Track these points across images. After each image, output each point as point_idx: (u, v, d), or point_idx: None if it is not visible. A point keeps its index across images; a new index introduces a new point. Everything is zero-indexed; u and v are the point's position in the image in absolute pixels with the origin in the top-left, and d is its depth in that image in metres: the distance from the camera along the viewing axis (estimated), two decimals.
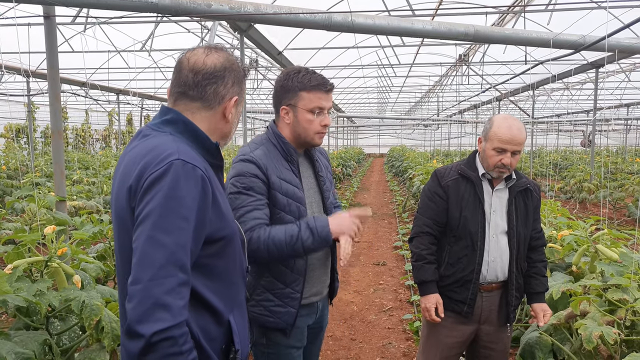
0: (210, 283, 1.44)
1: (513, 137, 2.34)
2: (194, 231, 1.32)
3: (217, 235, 1.43)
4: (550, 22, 8.66)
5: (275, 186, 2.04)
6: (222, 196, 1.49)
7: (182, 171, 1.32)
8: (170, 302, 1.24)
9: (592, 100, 11.81)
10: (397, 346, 4.31)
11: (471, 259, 2.45)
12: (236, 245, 1.54)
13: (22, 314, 2.45)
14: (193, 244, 1.33)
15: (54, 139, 3.81)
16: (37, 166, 11.86)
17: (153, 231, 1.27)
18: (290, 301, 2.10)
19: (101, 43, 11.38)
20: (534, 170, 16.32)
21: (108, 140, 26.88)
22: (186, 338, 1.28)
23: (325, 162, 2.36)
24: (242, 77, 1.56)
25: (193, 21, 10.47)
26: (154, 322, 1.21)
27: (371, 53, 14.04)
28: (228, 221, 1.48)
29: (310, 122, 2.08)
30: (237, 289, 1.55)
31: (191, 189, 1.33)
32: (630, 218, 10.11)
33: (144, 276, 1.24)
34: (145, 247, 1.27)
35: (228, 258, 1.50)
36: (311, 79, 2.06)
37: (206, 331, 1.43)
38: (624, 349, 2.57)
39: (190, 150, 1.42)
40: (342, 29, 5.81)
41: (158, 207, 1.28)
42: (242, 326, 1.56)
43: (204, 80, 1.48)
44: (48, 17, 3.77)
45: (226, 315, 1.48)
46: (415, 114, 31.65)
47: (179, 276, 1.26)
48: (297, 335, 2.19)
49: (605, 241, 3.33)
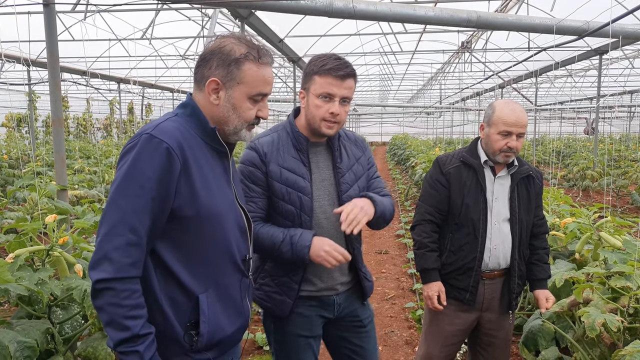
0: (182, 257, 1.53)
1: (518, 119, 2.34)
2: (152, 199, 1.44)
3: (184, 210, 1.50)
4: (554, 9, 8.60)
5: (274, 175, 2.02)
6: (202, 176, 1.54)
7: (147, 145, 1.45)
8: (115, 257, 1.39)
9: (596, 87, 11.73)
10: (399, 334, 4.32)
11: (473, 246, 2.44)
12: (221, 228, 1.58)
13: (24, 302, 2.45)
14: (155, 210, 1.45)
15: (55, 127, 3.79)
16: (38, 155, 11.86)
17: (114, 195, 1.44)
18: (288, 290, 2.08)
19: (101, 31, 11.32)
20: (537, 158, 16.29)
21: (109, 129, 26.85)
22: (129, 294, 1.40)
23: (357, 153, 2.21)
24: (230, 61, 1.56)
25: (194, 9, 10.40)
26: (99, 271, 1.39)
27: (373, 40, 13.94)
28: (200, 200, 1.52)
29: (317, 107, 1.99)
30: (218, 272, 1.59)
31: (153, 161, 1.45)
32: (633, 206, 10.09)
33: (101, 232, 1.43)
34: (106, 207, 1.45)
35: (205, 237, 1.55)
36: (326, 63, 1.98)
37: (173, 300, 1.52)
38: (627, 337, 2.56)
39: (180, 129, 1.53)
40: (343, 15, 5.76)
41: (121, 175, 1.45)
42: (216, 310, 1.58)
43: (197, 62, 1.62)
44: (47, 5, 3.74)
45: (196, 293, 1.54)
46: (417, 102, 31.54)
47: (128, 236, 1.41)
48: (304, 324, 2.15)
49: (609, 229, 3.32)
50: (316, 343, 2.23)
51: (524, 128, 2.36)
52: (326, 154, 2.14)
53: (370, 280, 2.27)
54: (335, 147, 2.14)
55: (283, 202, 2.03)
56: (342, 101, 2.00)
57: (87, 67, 13.95)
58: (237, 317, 1.66)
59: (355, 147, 2.23)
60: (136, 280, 1.44)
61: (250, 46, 1.60)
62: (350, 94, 2.02)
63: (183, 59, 14.23)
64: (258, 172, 2.02)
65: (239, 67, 1.56)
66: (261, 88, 1.60)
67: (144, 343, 1.42)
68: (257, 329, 4.22)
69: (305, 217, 2.03)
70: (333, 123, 2.01)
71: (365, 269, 2.25)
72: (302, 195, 2.02)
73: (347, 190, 2.11)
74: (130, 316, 1.40)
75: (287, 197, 2.02)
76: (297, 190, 2.02)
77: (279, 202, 2.03)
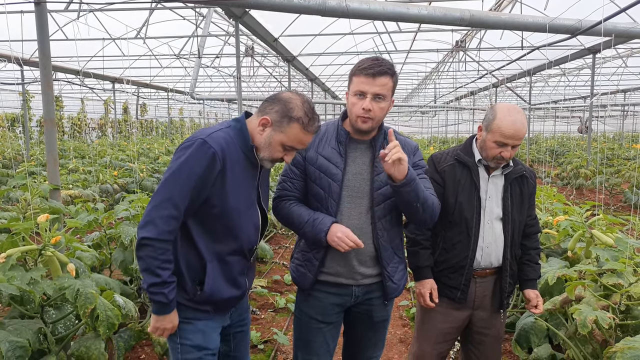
0: (201, 231, 1.99)
1: (516, 132, 2.31)
2: (194, 188, 1.88)
3: (213, 200, 1.95)
4: (547, 7, 8.61)
5: (310, 159, 2.24)
6: (234, 178, 1.96)
7: (200, 148, 1.89)
8: (159, 223, 1.85)
9: (589, 86, 11.79)
10: (393, 332, 4.32)
11: (465, 245, 2.45)
12: (236, 220, 2.00)
13: (16, 302, 2.45)
14: (194, 195, 1.89)
15: (47, 126, 3.78)
16: (32, 155, 11.82)
17: (168, 178, 1.89)
18: (310, 266, 2.26)
19: (95, 30, 11.28)
20: (531, 156, 16.35)
21: (104, 129, 26.76)
22: (164, 252, 1.87)
23: None
24: (287, 115, 1.95)
25: (188, 8, 10.38)
26: (146, 231, 1.85)
27: (368, 40, 13.96)
28: (227, 196, 1.95)
29: (353, 105, 2.13)
30: (224, 251, 2.03)
31: (202, 161, 1.88)
32: (626, 204, 10.14)
33: (152, 202, 1.88)
34: (160, 185, 1.90)
35: (222, 224, 1.99)
36: (362, 63, 2.12)
37: (187, 261, 2.00)
38: (618, 334, 2.58)
39: (227, 139, 1.96)
40: (336, 14, 5.76)
41: (177, 165, 1.89)
42: (216, 276, 2.02)
43: (269, 97, 2.05)
44: (39, 3, 3.73)
45: (205, 259, 1.99)
46: (412, 101, 31.57)
47: (171, 211, 1.86)
48: (317, 309, 2.30)
49: (601, 226, 3.34)
50: (330, 331, 2.35)
51: (521, 140, 2.34)
52: (367, 151, 2.25)
53: (396, 283, 2.31)
54: (377, 146, 2.23)
55: (314, 184, 2.23)
56: (376, 98, 2.10)
57: (81, 67, 13.91)
58: (233, 288, 2.08)
59: None
60: (169, 242, 1.90)
61: (307, 114, 1.97)
62: (383, 90, 2.09)
63: (177, 59, 14.20)
64: (299, 156, 2.25)
65: (289, 123, 1.95)
66: (295, 144, 1.99)
67: (168, 287, 1.91)
68: (252, 328, 4.22)
69: (332, 202, 2.19)
70: (367, 118, 2.12)
71: (392, 269, 2.29)
72: (331, 182, 2.19)
73: (379, 187, 2.20)
74: (163, 267, 1.88)
75: (318, 180, 2.21)
76: (328, 176, 2.20)
77: (311, 184, 2.24)
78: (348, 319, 2.43)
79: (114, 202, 8.23)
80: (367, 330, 2.41)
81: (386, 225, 2.22)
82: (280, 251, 6.82)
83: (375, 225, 2.19)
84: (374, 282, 2.28)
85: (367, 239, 2.19)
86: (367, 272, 2.25)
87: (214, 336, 2.12)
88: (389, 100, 2.14)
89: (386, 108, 2.14)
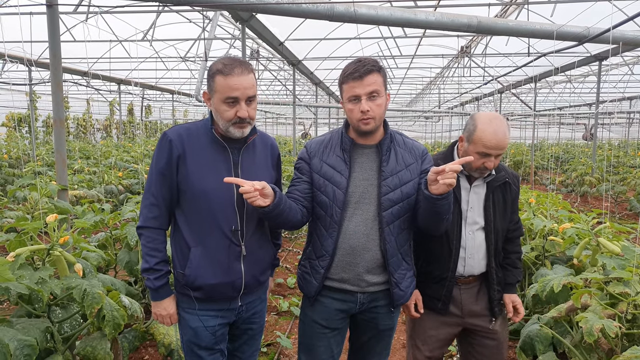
0: (184, 220, 2.12)
1: (499, 142, 2.26)
2: (162, 175, 2.07)
3: (181, 185, 2.09)
4: (554, 14, 8.61)
5: (314, 168, 2.25)
6: (198, 163, 2.07)
7: (161, 139, 2.09)
8: (144, 212, 2.11)
9: (595, 93, 11.75)
10: (397, 338, 4.32)
11: (447, 257, 2.41)
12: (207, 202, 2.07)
13: (24, 301, 2.46)
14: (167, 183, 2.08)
15: (56, 127, 3.79)
16: (38, 155, 11.87)
17: (148, 173, 2.13)
18: (315, 273, 2.27)
19: (103, 32, 11.37)
20: (535, 163, 16.30)
21: (109, 130, 26.85)
22: (151, 240, 2.09)
23: (408, 160, 2.25)
24: (209, 76, 2.03)
25: (195, 11, 10.43)
26: (138, 222, 2.12)
27: (373, 44, 13.98)
28: (191, 182, 2.06)
29: (350, 111, 2.14)
30: (204, 234, 2.10)
31: (162, 150, 2.08)
32: (632, 212, 10.10)
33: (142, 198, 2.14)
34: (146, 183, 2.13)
35: (195, 207, 2.09)
36: (346, 70, 2.12)
37: (179, 249, 2.14)
38: (624, 343, 2.57)
39: (190, 128, 2.13)
40: (344, 19, 5.78)
41: (152, 160, 2.11)
42: (200, 262, 2.09)
43: None
44: (50, 6, 3.75)
45: (190, 245, 2.10)
46: (416, 106, 31.56)
47: (150, 199, 2.10)
48: (322, 314, 2.30)
49: (607, 234, 3.33)
50: (335, 337, 2.34)
51: (504, 149, 2.29)
52: (374, 156, 2.23)
53: (403, 290, 2.28)
54: (384, 151, 2.22)
55: (319, 192, 2.23)
56: (371, 97, 2.09)
57: (88, 68, 13.97)
58: (223, 275, 2.11)
59: (409, 154, 2.26)
60: (158, 230, 2.11)
61: (223, 62, 2.00)
62: (374, 87, 2.08)
63: (183, 61, 14.24)
64: (304, 164, 2.29)
65: (213, 80, 2.01)
66: (229, 93, 1.98)
67: (155, 274, 2.09)
68: None
69: (337, 209, 2.18)
70: (367, 119, 2.11)
71: (400, 276, 2.26)
72: (336, 189, 2.19)
73: (387, 193, 2.17)
74: (150, 255, 2.08)
75: (323, 188, 2.22)
76: (332, 183, 2.20)
77: (316, 192, 2.25)
78: (354, 326, 2.42)
79: (118, 203, 8.25)
80: (371, 338, 2.40)
81: (394, 230, 2.20)
82: (283, 254, 6.82)
83: (382, 231, 2.17)
84: (380, 289, 2.26)
85: (374, 246, 2.19)
86: (374, 280, 2.23)
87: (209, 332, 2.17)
88: (384, 95, 2.13)
89: (383, 104, 2.13)
